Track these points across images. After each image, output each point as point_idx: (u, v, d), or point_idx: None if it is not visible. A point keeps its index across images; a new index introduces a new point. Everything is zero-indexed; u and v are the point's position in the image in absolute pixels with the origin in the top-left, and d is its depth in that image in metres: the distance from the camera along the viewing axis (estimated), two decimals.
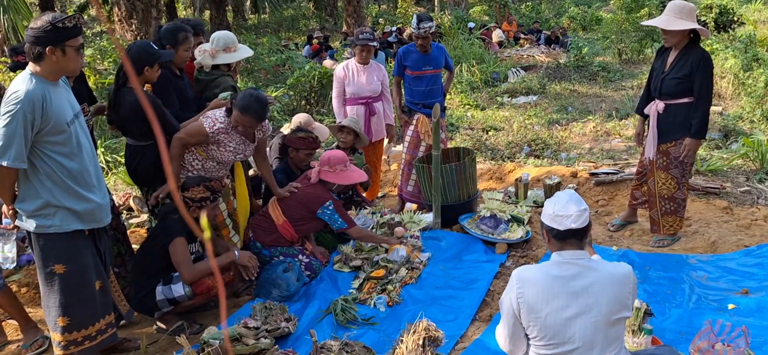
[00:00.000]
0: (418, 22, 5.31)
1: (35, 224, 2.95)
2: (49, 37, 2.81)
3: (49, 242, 2.99)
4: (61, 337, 3.08)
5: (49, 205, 2.93)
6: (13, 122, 2.75)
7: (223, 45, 4.37)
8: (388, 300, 3.91)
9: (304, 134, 4.82)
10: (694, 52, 4.29)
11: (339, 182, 4.42)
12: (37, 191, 2.91)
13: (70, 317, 3.06)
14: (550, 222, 2.46)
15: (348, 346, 3.30)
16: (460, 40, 14.60)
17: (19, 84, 2.82)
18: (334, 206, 4.30)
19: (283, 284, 3.98)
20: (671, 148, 4.43)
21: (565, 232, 2.43)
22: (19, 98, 2.76)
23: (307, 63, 11.57)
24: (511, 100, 11.72)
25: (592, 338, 2.37)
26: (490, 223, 4.83)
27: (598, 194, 5.86)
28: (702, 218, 5.04)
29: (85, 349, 3.14)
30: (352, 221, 4.41)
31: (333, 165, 4.37)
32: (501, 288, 4.07)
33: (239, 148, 4.00)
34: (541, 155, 7.74)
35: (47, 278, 3.04)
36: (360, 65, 5.80)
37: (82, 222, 3.04)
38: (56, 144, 2.89)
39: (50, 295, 3.05)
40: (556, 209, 2.45)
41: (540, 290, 2.41)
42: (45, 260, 3.02)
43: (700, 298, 3.78)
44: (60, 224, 2.97)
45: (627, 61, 15.09)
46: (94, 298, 3.14)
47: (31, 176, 2.90)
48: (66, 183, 2.94)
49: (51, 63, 2.85)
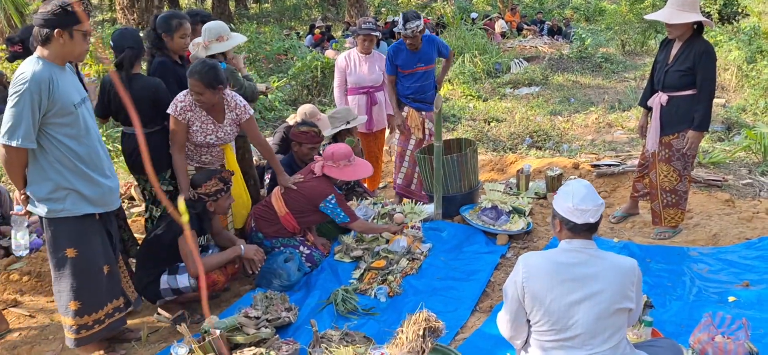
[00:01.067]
0: (404, 22, 5.16)
1: (47, 208, 3.01)
2: (58, 20, 2.88)
3: (61, 226, 3.05)
4: (72, 321, 3.16)
5: (59, 188, 2.99)
6: (21, 103, 2.83)
7: (216, 35, 4.35)
8: (389, 291, 3.91)
9: (307, 128, 4.76)
10: (697, 44, 4.27)
11: (343, 178, 4.40)
12: (47, 175, 2.97)
13: (81, 301, 3.14)
14: (568, 215, 2.46)
15: (348, 336, 3.31)
16: (463, 30, 14.56)
17: (26, 66, 2.89)
18: (337, 199, 4.28)
19: (284, 273, 3.99)
20: (674, 141, 4.42)
21: (582, 225, 2.44)
22: (26, 79, 2.83)
23: (310, 53, 11.54)
24: (514, 91, 11.69)
25: (594, 327, 2.38)
26: (492, 214, 4.82)
27: (599, 186, 5.85)
28: (704, 210, 5.03)
29: (95, 333, 3.22)
30: (354, 215, 4.39)
31: (337, 160, 4.33)
32: (502, 279, 4.08)
33: (208, 129, 3.89)
34: (543, 147, 7.72)
35: (59, 263, 3.10)
36: (362, 55, 5.79)
37: (93, 205, 3.10)
38: (64, 126, 2.95)
39: (62, 279, 3.11)
40: (576, 203, 2.44)
41: (545, 275, 2.43)
42: (57, 244, 3.09)
43: (700, 290, 3.78)
44: (71, 207, 3.03)
45: (630, 53, 15.05)
46: (102, 282, 3.20)
47: (42, 160, 2.96)
48: (76, 166, 3.00)
49: (58, 46, 2.92)
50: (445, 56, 5.66)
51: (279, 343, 3.29)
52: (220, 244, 4.03)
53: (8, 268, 4.44)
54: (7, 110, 2.85)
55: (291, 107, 9.79)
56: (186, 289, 3.65)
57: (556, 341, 2.43)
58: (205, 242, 3.90)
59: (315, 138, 4.76)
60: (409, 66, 5.39)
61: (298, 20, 23.95)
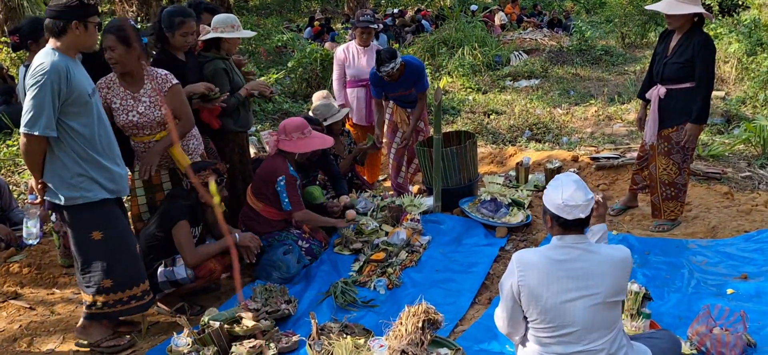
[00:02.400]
0: (378, 65, 4.94)
1: (65, 196, 3.08)
2: (74, 11, 2.95)
3: (81, 212, 3.13)
4: (105, 297, 3.25)
5: (76, 176, 3.06)
6: (42, 92, 2.88)
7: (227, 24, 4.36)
8: (388, 283, 3.92)
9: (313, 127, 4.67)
10: (696, 37, 4.27)
11: (297, 150, 4.23)
12: (64, 163, 3.04)
13: (114, 279, 3.24)
14: (558, 211, 2.45)
15: (348, 328, 3.32)
16: (462, 22, 14.50)
17: (44, 57, 2.95)
18: (287, 181, 4.14)
19: (284, 266, 4.00)
20: (672, 134, 4.42)
21: (572, 221, 2.43)
22: (46, 69, 2.89)
23: (309, 45, 11.51)
24: (513, 84, 11.67)
25: (591, 321, 2.38)
26: (491, 207, 4.83)
27: (598, 179, 5.86)
28: (702, 203, 5.04)
29: (132, 308, 3.34)
30: (298, 204, 4.24)
31: (289, 133, 4.19)
32: (501, 272, 4.08)
33: (127, 105, 3.55)
34: (543, 139, 7.72)
35: (85, 246, 3.19)
36: (360, 48, 5.78)
37: (108, 191, 3.17)
38: (79, 115, 3.02)
39: (92, 261, 3.20)
40: (565, 199, 2.43)
41: (540, 273, 2.43)
42: (80, 229, 3.17)
43: (699, 283, 3.79)
44: (88, 194, 3.10)
45: (630, 45, 15.01)
46: (137, 260, 3.35)
47: (58, 149, 3.03)
48: (90, 154, 3.07)
49: (73, 37, 2.99)
50: (420, 91, 5.27)
51: (278, 335, 3.31)
52: (217, 235, 4.03)
53: (8, 260, 4.45)
54: (28, 100, 2.90)
55: (290, 100, 9.77)
56: (184, 280, 3.65)
57: (553, 337, 2.44)
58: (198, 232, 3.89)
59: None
60: (390, 91, 5.33)
61: (298, 12, 23.87)
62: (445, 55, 13.11)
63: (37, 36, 3.93)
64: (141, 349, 3.40)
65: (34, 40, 3.95)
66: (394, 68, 4.93)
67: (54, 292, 4.20)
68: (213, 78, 4.25)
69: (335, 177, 5.03)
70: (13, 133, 7.45)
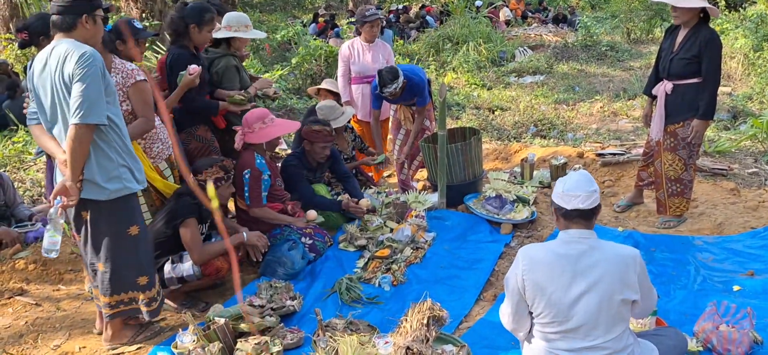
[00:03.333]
0: (381, 86, 4.96)
1: (111, 189, 3.00)
2: (83, 5, 2.90)
3: (122, 204, 3.07)
4: (143, 295, 3.22)
5: (119, 166, 3.01)
6: (94, 81, 2.81)
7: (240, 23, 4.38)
8: (393, 279, 3.92)
9: (319, 127, 4.61)
10: (703, 32, 4.24)
11: (262, 140, 4.15)
12: (107, 154, 2.97)
13: (148, 275, 3.23)
14: (558, 200, 2.47)
15: (353, 324, 3.32)
16: (467, 18, 14.46)
17: (81, 48, 2.84)
18: (251, 176, 4.09)
19: (288, 262, 3.99)
20: (679, 130, 4.40)
21: (571, 211, 2.43)
22: (93, 56, 2.82)
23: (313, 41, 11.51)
24: (518, 80, 11.66)
25: (595, 318, 2.37)
26: (496, 203, 4.82)
27: (604, 175, 5.84)
28: (709, 199, 5.02)
29: (160, 304, 3.36)
30: (257, 201, 4.16)
31: (250, 125, 4.13)
32: (505, 268, 4.08)
33: None
34: (548, 135, 7.71)
35: (123, 243, 3.11)
36: (365, 44, 5.77)
37: (138, 183, 3.15)
38: (112, 105, 2.99)
39: (128, 257, 3.14)
40: (566, 188, 2.45)
41: (545, 268, 2.42)
42: (119, 225, 3.10)
43: (705, 279, 3.78)
44: (128, 184, 3.06)
45: (635, 41, 14.95)
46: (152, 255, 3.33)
47: (100, 142, 2.95)
48: (124, 143, 3.05)
49: (84, 31, 2.93)
50: (418, 105, 5.29)
51: (284, 331, 3.30)
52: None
53: (13, 256, 4.47)
54: (80, 91, 2.79)
55: (295, 96, 9.77)
56: (190, 277, 3.66)
57: (559, 333, 2.43)
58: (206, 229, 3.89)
59: (327, 137, 4.63)
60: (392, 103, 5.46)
61: (302, 9, 23.86)
62: (449, 51, 13.09)
63: (47, 32, 3.93)
64: (146, 347, 3.41)
65: (44, 36, 3.94)
66: (396, 88, 4.94)
67: (59, 288, 4.21)
68: (224, 74, 4.25)
69: (345, 177, 5.01)
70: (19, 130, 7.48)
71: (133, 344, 3.39)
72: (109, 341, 3.38)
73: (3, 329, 3.71)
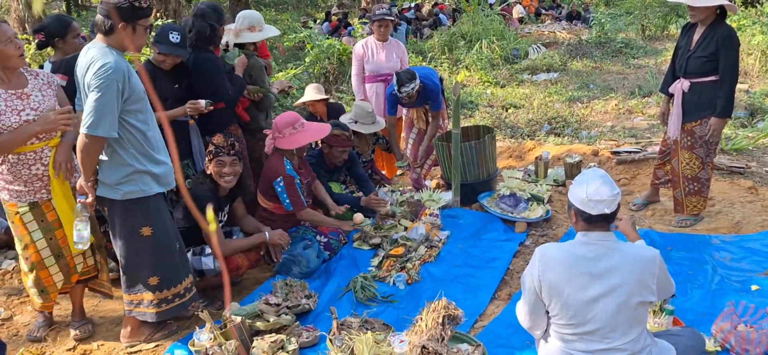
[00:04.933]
0: (399, 85, 4.97)
1: (123, 191, 3.08)
2: (124, 13, 2.94)
3: (135, 206, 3.13)
4: (152, 296, 3.28)
5: (135, 171, 3.08)
6: (108, 94, 2.87)
7: (248, 24, 4.37)
8: (408, 278, 3.93)
9: (338, 132, 4.61)
10: (720, 29, 4.20)
11: (294, 146, 4.16)
12: (123, 160, 3.05)
13: (160, 276, 3.27)
14: (582, 206, 2.42)
15: (368, 323, 3.33)
16: (480, 15, 14.41)
17: (105, 57, 2.90)
18: (285, 182, 4.10)
19: (304, 260, 4.02)
20: (696, 128, 4.36)
21: (597, 216, 2.40)
22: (111, 69, 2.87)
23: (326, 40, 11.53)
24: (532, 78, 11.59)
25: (613, 320, 2.35)
26: (510, 201, 4.81)
27: (619, 173, 5.80)
28: (726, 197, 4.97)
29: (175, 306, 3.35)
30: (300, 204, 4.17)
31: (282, 130, 4.12)
32: (520, 267, 4.07)
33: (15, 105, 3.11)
34: (562, 133, 7.66)
35: (135, 242, 3.20)
36: (379, 42, 5.78)
37: (160, 185, 3.20)
38: (137, 112, 3.04)
39: (140, 257, 3.23)
40: (590, 193, 2.39)
41: (562, 268, 2.40)
42: (132, 225, 3.17)
43: (723, 279, 3.74)
44: (144, 188, 3.12)
45: (650, 38, 14.80)
46: (179, 256, 3.35)
47: (117, 146, 3.03)
48: (145, 149, 3.10)
49: (121, 38, 2.98)
50: (432, 109, 5.35)
51: (299, 330, 3.33)
52: (245, 229, 4.06)
53: None
54: (93, 102, 2.86)
55: None
56: (210, 271, 3.67)
57: (576, 334, 2.42)
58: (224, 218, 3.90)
59: (346, 142, 4.65)
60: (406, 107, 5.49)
61: (315, 7, 23.91)
62: (462, 49, 13.05)
63: (63, 33, 3.98)
64: (163, 344, 3.44)
65: (61, 37, 3.99)
66: (414, 89, 4.96)
67: None
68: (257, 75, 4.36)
69: (361, 180, 5.02)
70: None
71: (150, 342, 3.43)
72: (127, 338, 3.43)
73: (22, 327, 3.76)
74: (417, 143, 5.60)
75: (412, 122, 5.64)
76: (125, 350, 3.40)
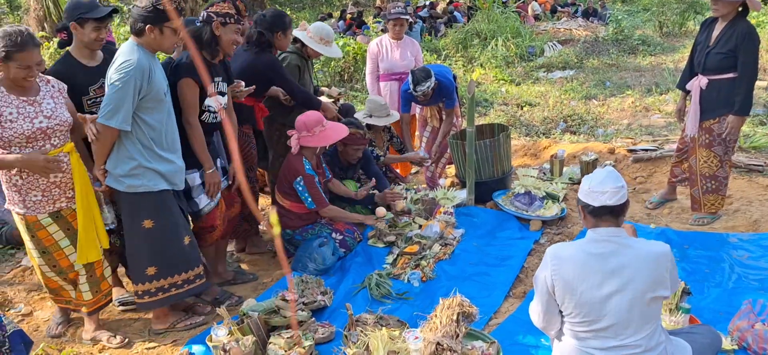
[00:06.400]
0: (414, 85, 5.01)
1: (126, 183, 3.23)
2: (150, 17, 3.13)
3: (139, 199, 3.27)
4: (149, 285, 3.41)
5: (140, 166, 3.20)
6: (125, 88, 3.04)
7: (320, 34, 4.62)
8: (422, 275, 3.94)
9: (353, 130, 4.63)
10: (740, 26, 4.15)
11: (320, 144, 4.24)
12: (130, 154, 3.19)
13: (157, 266, 3.39)
14: (585, 197, 2.45)
15: (383, 319, 3.36)
16: (496, 13, 14.36)
17: (130, 54, 3.10)
18: (305, 181, 4.16)
19: (319, 258, 4.05)
20: (714, 125, 4.32)
21: (599, 208, 2.40)
22: (132, 66, 3.05)
23: (341, 38, 11.57)
24: (547, 75, 11.54)
25: (627, 316, 2.35)
26: (525, 200, 4.80)
27: (636, 171, 5.76)
28: (744, 195, 4.92)
29: (172, 296, 3.46)
30: (322, 201, 4.24)
31: (310, 129, 4.19)
32: (535, 265, 4.07)
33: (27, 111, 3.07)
34: (578, 131, 7.63)
35: (136, 233, 3.33)
36: (393, 41, 5.79)
37: (167, 183, 3.32)
38: (154, 111, 3.19)
39: (140, 246, 3.37)
40: (592, 185, 2.42)
41: (575, 267, 2.40)
42: (134, 216, 3.31)
43: (740, 277, 3.71)
44: (148, 183, 3.24)
45: (668, 35, 14.67)
46: (180, 249, 3.43)
47: (125, 140, 3.18)
48: (153, 147, 3.22)
49: (149, 40, 3.17)
50: (446, 107, 5.38)
51: (315, 326, 3.36)
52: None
53: None
54: (111, 94, 3.05)
55: None
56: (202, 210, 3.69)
57: (590, 331, 2.41)
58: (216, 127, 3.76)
59: (361, 140, 4.68)
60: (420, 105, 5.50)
61: (331, 5, 23.95)
62: (477, 47, 13.02)
63: None
64: (181, 339, 3.49)
65: None
66: (429, 88, 4.98)
67: None
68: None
69: (376, 177, 5.04)
70: None
71: (172, 330, 3.57)
72: (153, 324, 3.61)
73: (43, 322, 3.84)
74: (430, 141, 5.61)
75: (425, 120, 5.65)
76: (144, 345, 3.46)
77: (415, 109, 5.78)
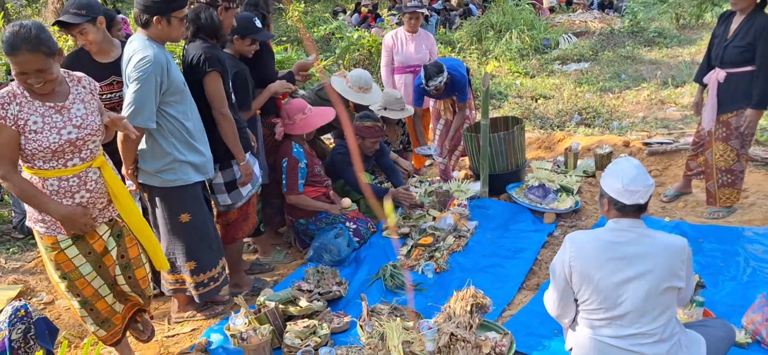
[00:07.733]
0: (427, 80, 5.02)
1: (162, 179, 3.20)
2: (157, 7, 3.01)
3: (175, 194, 3.25)
4: (191, 279, 3.42)
5: (174, 160, 3.17)
6: (146, 86, 2.95)
7: (360, 84, 4.82)
8: (436, 267, 3.97)
9: (371, 123, 4.68)
10: (758, 19, 4.12)
11: (302, 131, 4.32)
12: (163, 149, 3.15)
13: (196, 261, 3.39)
14: (617, 196, 2.43)
15: (397, 310, 3.40)
16: (510, 5, 14.29)
17: (145, 49, 2.98)
18: (288, 164, 4.24)
19: (335, 249, 4.10)
20: (732, 119, 4.30)
21: (632, 206, 2.42)
22: (150, 62, 2.95)
23: (355, 31, 11.59)
24: (562, 68, 11.48)
25: (643, 304, 2.37)
26: (539, 192, 4.81)
27: (651, 164, 5.75)
28: (760, 189, 4.89)
29: (211, 290, 3.49)
30: (294, 189, 4.27)
31: (292, 116, 4.29)
32: (548, 258, 4.08)
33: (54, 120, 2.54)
34: (592, 124, 7.60)
35: (173, 228, 3.33)
36: (408, 34, 5.81)
37: (200, 173, 3.30)
38: (177, 103, 3.13)
39: (177, 243, 3.36)
40: (626, 183, 2.41)
41: (593, 252, 2.42)
42: (171, 211, 3.29)
43: (755, 271, 3.71)
44: (184, 176, 3.22)
45: (684, 27, 14.50)
46: (214, 241, 3.46)
47: (157, 136, 3.13)
48: (186, 139, 3.19)
49: (157, 31, 3.06)
50: (459, 101, 5.39)
51: (330, 315, 3.41)
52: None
53: None
54: (132, 93, 2.96)
55: None
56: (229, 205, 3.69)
57: (605, 320, 2.44)
58: None
59: (378, 132, 4.72)
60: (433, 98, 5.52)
61: None
62: (492, 39, 12.97)
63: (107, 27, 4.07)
64: (200, 328, 3.56)
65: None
66: (441, 82, 5.00)
67: None
68: None
69: (390, 170, 5.07)
70: None
71: (193, 318, 3.63)
72: (175, 313, 3.65)
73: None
74: (443, 134, 5.63)
75: (439, 113, 5.67)
76: (164, 334, 3.53)
77: (429, 102, 5.81)
